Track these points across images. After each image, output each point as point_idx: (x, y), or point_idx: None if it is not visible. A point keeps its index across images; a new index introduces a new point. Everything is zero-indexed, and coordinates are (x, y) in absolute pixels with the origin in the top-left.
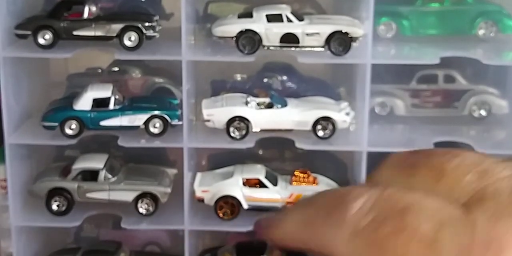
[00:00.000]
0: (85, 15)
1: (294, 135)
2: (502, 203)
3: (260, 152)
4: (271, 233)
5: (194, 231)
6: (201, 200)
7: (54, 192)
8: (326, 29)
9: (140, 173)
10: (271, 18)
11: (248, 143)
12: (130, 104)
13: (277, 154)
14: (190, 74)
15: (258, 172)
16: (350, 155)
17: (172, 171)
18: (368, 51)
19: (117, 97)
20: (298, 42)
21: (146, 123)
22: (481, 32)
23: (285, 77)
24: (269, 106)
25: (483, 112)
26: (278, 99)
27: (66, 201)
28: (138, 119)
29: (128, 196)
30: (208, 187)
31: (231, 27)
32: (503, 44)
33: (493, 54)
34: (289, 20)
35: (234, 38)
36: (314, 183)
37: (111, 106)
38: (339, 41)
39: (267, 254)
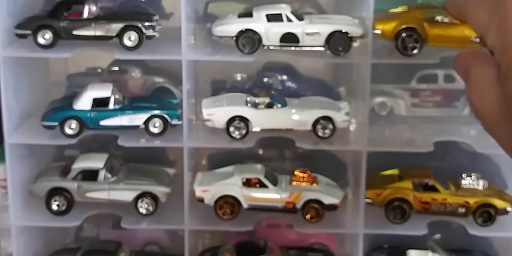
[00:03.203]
0: (85, 14)
1: (294, 135)
2: None
3: (260, 151)
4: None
5: (194, 230)
6: (201, 200)
7: (54, 192)
8: (326, 29)
9: (140, 172)
10: (271, 18)
11: (248, 143)
12: (130, 104)
13: (277, 153)
14: (190, 73)
15: (258, 171)
16: (350, 154)
17: (172, 171)
18: (368, 51)
19: (117, 96)
20: (298, 41)
21: (146, 122)
22: None
23: (285, 77)
24: (269, 105)
25: None
26: (278, 98)
27: (66, 201)
28: (138, 119)
29: (128, 195)
30: (208, 187)
31: (231, 27)
32: None
33: None
34: (289, 20)
35: (234, 38)
36: (313, 182)
37: (111, 105)
38: (339, 41)
39: (267, 254)
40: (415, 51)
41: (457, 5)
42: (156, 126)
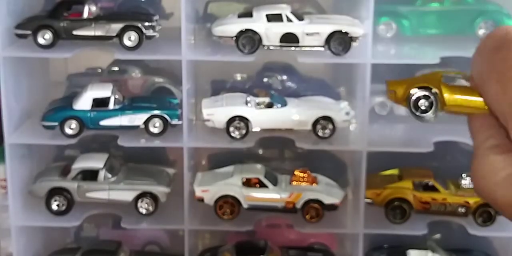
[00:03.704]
0: (85, 15)
1: (294, 135)
2: None
3: (260, 151)
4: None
5: (194, 230)
6: (201, 200)
7: (54, 192)
8: (326, 29)
9: (140, 172)
10: (271, 18)
11: (248, 143)
12: (130, 104)
13: (277, 153)
14: (190, 73)
15: (258, 171)
16: (350, 154)
17: (172, 171)
18: (368, 51)
19: (117, 96)
20: (298, 41)
21: (146, 122)
22: (481, 31)
23: (285, 77)
24: (269, 105)
25: None
26: (278, 98)
27: (66, 200)
28: (138, 119)
29: (128, 195)
30: (208, 186)
31: (231, 27)
32: None
33: None
34: (289, 20)
35: (234, 38)
36: (313, 182)
37: (111, 105)
38: (339, 41)
39: (267, 254)
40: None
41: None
42: (156, 126)
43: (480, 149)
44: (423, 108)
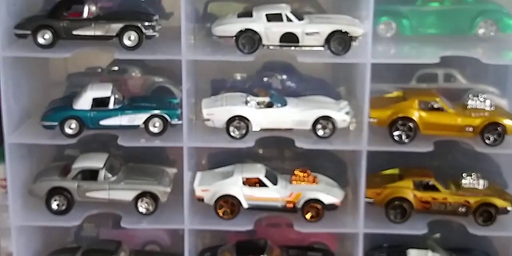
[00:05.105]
0: (85, 14)
1: (294, 134)
2: None
3: (260, 151)
4: None
5: (194, 230)
6: (201, 200)
7: (54, 192)
8: (326, 29)
9: (140, 172)
10: (271, 18)
11: (248, 142)
12: (130, 104)
13: (277, 153)
14: (190, 73)
15: (258, 171)
16: (350, 154)
17: (172, 170)
18: (368, 51)
19: (116, 96)
20: (298, 41)
21: (146, 122)
22: (481, 31)
23: (285, 76)
24: (269, 105)
25: None
26: (278, 98)
27: (66, 200)
28: (138, 119)
29: (128, 195)
30: (208, 186)
31: (231, 27)
32: (503, 43)
33: (493, 53)
34: (289, 20)
35: (234, 38)
36: (314, 182)
37: (111, 105)
38: (339, 41)
39: (267, 253)
40: (407, 140)
41: None
42: (156, 126)
43: None
44: (404, 137)
